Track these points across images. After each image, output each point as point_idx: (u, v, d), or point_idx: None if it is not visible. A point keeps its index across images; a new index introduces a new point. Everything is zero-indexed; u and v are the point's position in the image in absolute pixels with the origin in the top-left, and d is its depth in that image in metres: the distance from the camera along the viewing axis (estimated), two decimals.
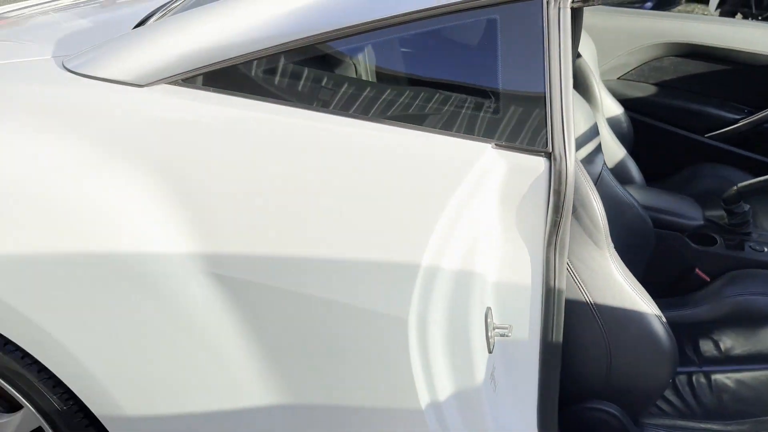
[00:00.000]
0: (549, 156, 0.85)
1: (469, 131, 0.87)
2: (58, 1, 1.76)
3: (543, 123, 0.85)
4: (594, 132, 1.32)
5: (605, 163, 1.33)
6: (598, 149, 1.31)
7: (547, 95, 0.84)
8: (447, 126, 0.88)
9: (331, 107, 0.93)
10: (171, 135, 0.95)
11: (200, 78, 0.98)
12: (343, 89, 0.93)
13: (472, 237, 0.87)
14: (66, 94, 1.01)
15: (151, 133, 0.96)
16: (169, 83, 0.99)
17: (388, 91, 0.91)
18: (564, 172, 0.84)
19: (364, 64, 0.95)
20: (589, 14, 2.14)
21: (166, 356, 0.97)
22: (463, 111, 0.88)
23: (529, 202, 0.87)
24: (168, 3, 1.36)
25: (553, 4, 0.85)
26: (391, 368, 0.91)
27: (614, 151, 1.69)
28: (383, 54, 0.93)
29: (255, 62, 0.96)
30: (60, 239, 0.94)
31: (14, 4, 1.76)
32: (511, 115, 0.86)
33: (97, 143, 0.97)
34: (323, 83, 0.94)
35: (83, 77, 1.03)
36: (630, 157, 1.74)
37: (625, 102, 2.08)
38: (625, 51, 2.22)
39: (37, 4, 1.72)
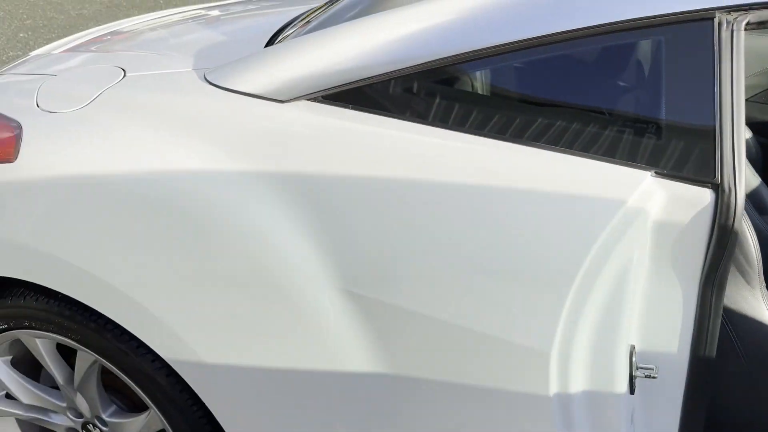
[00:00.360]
0: (716, 187, 0.79)
1: (626, 157, 0.82)
2: (176, 14, 1.82)
3: (711, 152, 0.79)
4: None
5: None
6: None
7: (717, 122, 0.79)
8: (602, 151, 0.84)
9: (472, 128, 0.90)
10: (311, 151, 0.95)
11: (340, 95, 0.98)
12: (486, 110, 0.91)
13: (623, 269, 0.82)
14: (209, 107, 1.04)
15: (291, 148, 0.96)
16: (310, 99, 1.00)
17: (539, 113, 0.88)
18: (733, 205, 0.78)
19: (510, 84, 0.92)
20: None
21: (298, 369, 0.97)
22: (622, 136, 0.83)
23: (688, 235, 0.81)
24: (298, 18, 1.37)
25: (725, 26, 0.79)
26: (530, 403, 0.87)
27: (749, 179, 1.59)
28: (534, 73, 0.90)
29: (394, 81, 0.95)
30: (204, 250, 0.96)
31: (130, 18, 1.84)
32: (675, 142, 0.81)
33: (238, 156, 0.98)
34: (467, 104, 0.92)
35: (225, 90, 1.05)
36: (765, 185, 1.63)
37: (753, 125, 1.96)
38: (755, 72, 2.09)
39: (153, 18, 1.79)
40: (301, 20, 1.32)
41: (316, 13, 1.32)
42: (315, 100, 0.99)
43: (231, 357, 0.99)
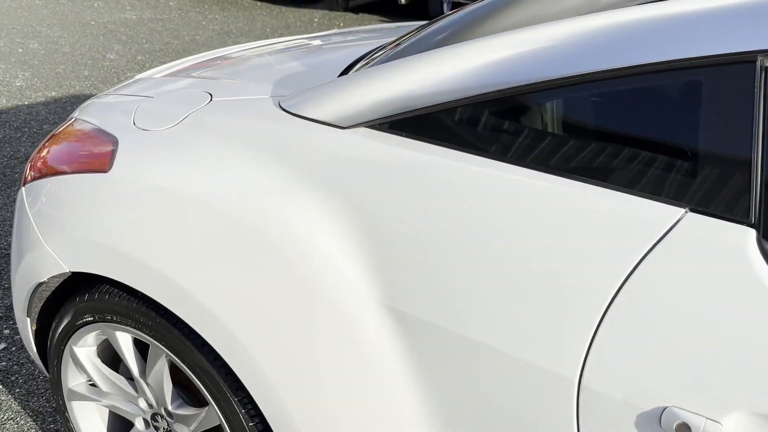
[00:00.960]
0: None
1: (660, 193, 0.84)
2: (279, 43, 1.95)
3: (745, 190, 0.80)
4: None
5: None
6: None
7: (755, 164, 0.79)
8: (639, 186, 0.86)
9: (525, 160, 0.95)
10: (365, 174, 1.03)
11: (396, 124, 1.05)
12: (538, 142, 0.95)
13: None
14: (280, 131, 1.14)
15: (347, 171, 1.04)
16: (368, 127, 1.07)
17: (581, 146, 0.91)
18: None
19: (559, 117, 0.96)
20: None
21: (342, 383, 1.04)
22: (658, 171, 0.85)
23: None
24: (371, 52, 1.47)
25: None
26: (551, 428, 0.89)
27: None
28: (580, 108, 0.93)
29: (447, 111, 1.01)
30: (266, 264, 1.05)
31: (236, 46, 1.99)
32: (711, 181, 0.82)
33: (300, 176, 1.07)
34: (517, 135, 0.97)
35: (295, 116, 1.15)
36: None
37: None
38: None
39: (255, 47, 1.93)
40: (373, 54, 1.40)
41: (403, 38, 1.40)
42: (373, 127, 1.07)
43: (280, 360, 1.06)
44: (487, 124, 0.99)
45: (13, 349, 2.09)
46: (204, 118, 1.24)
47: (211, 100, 1.31)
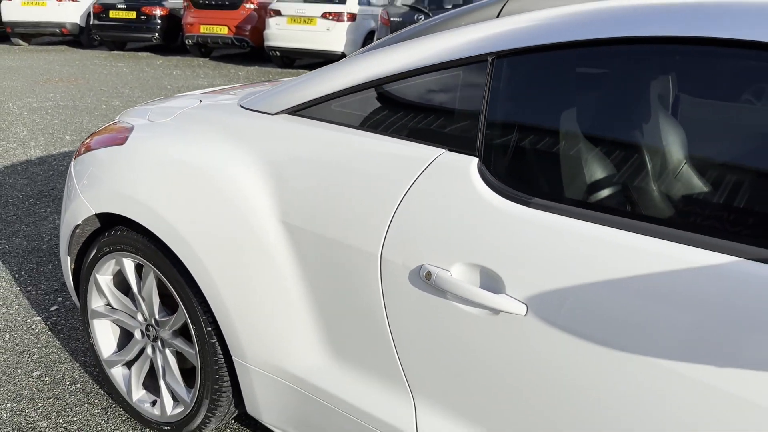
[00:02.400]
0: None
1: (432, 140, 1.37)
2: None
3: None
4: None
5: None
6: None
7: (483, 113, 1.31)
8: (418, 136, 1.39)
9: (363, 127, 1.48)
10: (278, 142, 1.58)
11: (301, 110, 1.61)
12: (372, 116, 1.48)
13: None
14: (234, 118, 1.71)
15: (269, 140, 1.60)
16: (286, 113, 1.64)
17: (393, 113, 1.45)
18: None
19: (381, 99, 1.49)
20: None
21: (255, 279, 1.56)
22: (430, 125, 1.38)
23: None
24: None
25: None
26: (369, 289, 1.39)
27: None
28: (396, 95, 1.47)
29: (326, 102, 1.56)
30: (212, 199, 1.61)
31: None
32: (460, 130, 1.34)
33: (242, 144, 1.64)
34: (358, 114, 1.51)
35: (245, 109, 1.73)
36: None
37: None
38: None
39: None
40: None
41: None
42: (288, 113, 1.64)
43: (219, 266, 1.60)
44: (344, 109, 1.53)
45: (63, 310, 2.70)
46: (191, 112, 1.84)
47: (200, 103, 1.91)
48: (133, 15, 12.21)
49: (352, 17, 10.15)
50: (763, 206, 1.02)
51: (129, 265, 1.90)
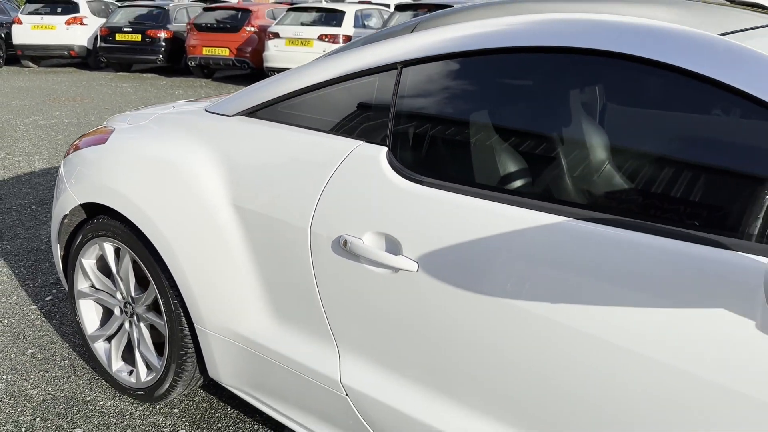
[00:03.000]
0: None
1: (349, 134, 1.65)
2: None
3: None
4: None
5: None
6: None
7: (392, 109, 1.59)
8: (340, 130, 1.67)
9: (296, 124, 1.76)
10: (233, 138, 1.87)
11: (252, 112, 1.90)
12: (307, 114, 1.77)
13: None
14: (199, 120, 2.00)
15: (226, 137, 1.89)
16: (241, 114, 1.93)
17: (326, 113, 1.73)
18: None
19: (315, 102, 1.78)
20: None
21: (209, 255, 1.84)
22: (349, 121, 1.67)
23: None
24: None
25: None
26: (300, 261, 1.66)
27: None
28: (325, 99, 1.76)
29: (272, 105, 1.85)
30: (176, 187, 1.89)
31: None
32: (374, 123, 1.62)
33: (204, 140, 1.92)
34: (295, 112, 1.79)
35: (209, 113, 2.02)
36: None
37: None
38: None
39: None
40: None
41: None
42: (242, 114, 1.93)
43: (181, 244, 1.88)
44: (286, 110, 1.82)
45: (56, 300, 2.98)
46: (163, 116, 2.13)
47: (173, 108, 2.21)
48: (138, 38, 12.64)
49: (348, 39, 10.53)
50: (599, 176, 1.30)
51: (109, 249, 2.17)
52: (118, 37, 12.73)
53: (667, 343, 1.14)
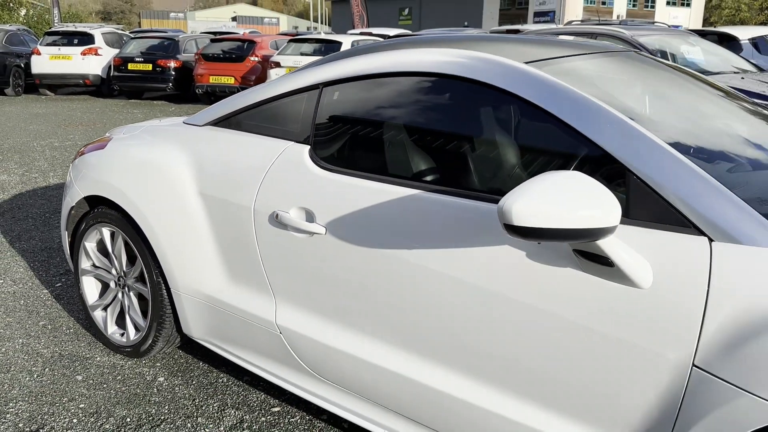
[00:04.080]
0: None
1: (282, 136, 2.20)
2: None
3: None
4: None
5: None
6: None
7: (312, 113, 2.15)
8: (275, 133, 2.22)
9: (243, 130, 2.31)
10: (201, 143, 2.42)
11: (217, 122, 2.45)
12: (254, 122, 2.32)
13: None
14: (178, 129, 2.56)
15: (196, 141, 2.44)
16: (210, 124, 2.49)
17: (267, 119, 2.28)
18: None
19: (266, 112, 2.32)
20: None
21: (179, 235, 2.38)
22: (283, 126, 2.22)
23: None
24: None
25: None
26: (247, 244, 2.20)
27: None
28: (273, 108, 2.31)
29: (232, 116, 2.40)
30: (157, 182, 2.44)
31: None
32: (301, 127, 2.17)
33: (180, 145, 2.48)
34: (249, 122, 2.34)
35: (186, 124, 2.58)
36: None
37: None
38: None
39: None
40: None
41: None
42: (210, 124, 2.48)
43: (160, 225, 2.42)
44: (241, 120, 2.37)
45: (65, 287, 3.53)
46: (151, 127, 2.69)
47: (160, 121, 2.77)
48: (149, 67, 13.38)
49: None
50: (435, 162, 1.83)
51: (106, 233, 2.72)
52: (130, 66, 13.47)
53: (465, 263, 1.66)
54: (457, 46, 2.02)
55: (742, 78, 6.61)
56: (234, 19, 48.81)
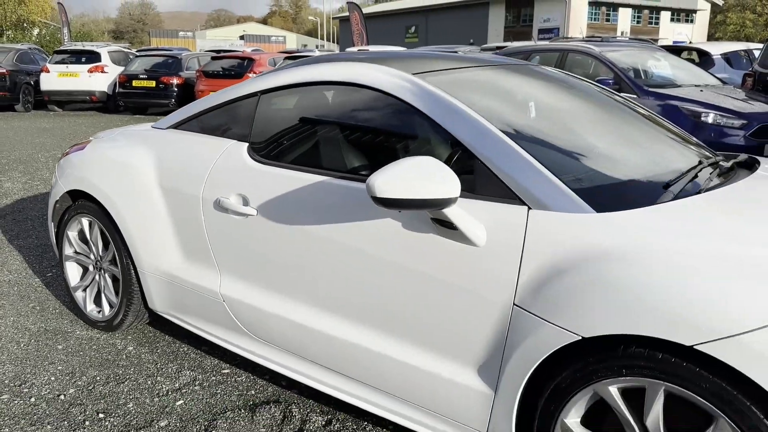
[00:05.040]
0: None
1: (232, 136, 2.62)
2: None
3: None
4: None
5: None
6: None
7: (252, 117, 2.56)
8: (222, 133, 2.64)
9: (196, 131, 2.74)
10: (164, 143, 2.84)
11: (179, 126, 2.88)
12: (200, 125, 2.74)
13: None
14: (146, 133, 2.99)
15: (159, 142, 2.87)
16: (172, 127, 2.92)
17: (212, 120, 2.70)
18: None
19: (216, 117, 2.74)
20: None
21: (148, 225, 2.80)
22: (232, 126, 2.64)
23: None
24: None
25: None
26: (197, 227, 2.61)
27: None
28: (221, 113, 2.73)
29: (194, 119, 2.83)
30: (130, 178, 2.87)
31: None
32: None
33: (148, 146, 2.90)
34: (203, 126, 2.76)
35: (153, 128, 3.01)
36: None
37: None
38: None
39: None
40: None
41: None
42: (172, 127, 2.91)
43: (131, 217, 2.84)
44: (195, 123, 2.79)
45: (55, 276, 3.95)
46: (124, 131, 3.13)
47: (133, 127, 3.20)
48: (153, 84, 13.93)
49: None
50: (339, 156, 2.25)
51: (85, 222, 3.14)
52: (135, 83, 14.03)
53: (357, 233, 2.07)
54: (370, 61, 2.44)
55: (701, 90, 7.00)
56: (242, 37, 49.74)
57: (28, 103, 14.95)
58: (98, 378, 2.75)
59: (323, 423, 2.41)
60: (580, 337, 1.62)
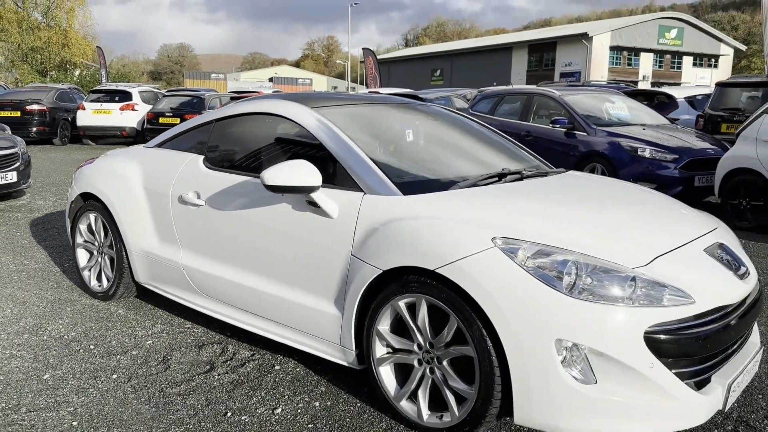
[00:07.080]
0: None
1: (191, 150, 3.63)
2: None
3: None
4: None
5: None
6: None
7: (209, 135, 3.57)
8: (188, 148, 3.65)
9: (166, 146, 3.75)
10: (148, 159, 3.87)
11: (162, 145, 3.91)
12: (177, 144, 3.75)
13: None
14: (138, 150, 4.03)
15: (145, 159, 3.90)
16: (156, 146, 3.95)
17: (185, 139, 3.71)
18: None
19: (190, 138, 3.75)
20: None
21: (138, 220, 3.81)
22: (193, 142, 3.65)
23: None
24: None
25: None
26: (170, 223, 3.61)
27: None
28: (194, 134, 3.74)
29: (172, 140, 3.86)
30: (124, 182, 3.90)
31: None
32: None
33: (140, 162, 3.94)
34: (181, 144, 3.78)
35: (145, 147, 4.05)
36: None
37: None
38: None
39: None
40: None
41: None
42: (156, 147, 3.95)
43: (125, 212, 3.85)
44: (172, 142, 3.82)
45: (72, 266, 4.99)
46: (125, 150, 4.18)
47: (132, 147, 4.26)
48: (177, 120, 15.23)
49: None
50: (261, 161, 3.25)
51: (92, 217, 4.17)
52: (161, 120, 15.36)
53: (263, 213, 3.04)
54: (285, 99, 3.44)
55: (644, 129, 7.90)
56: (271, 79, 51.81)
57: (65, 137, 16.39)
58: (93, 327, 3.73)
59: (249, 355, 3.35)
60: (381, 270, 2.55)
